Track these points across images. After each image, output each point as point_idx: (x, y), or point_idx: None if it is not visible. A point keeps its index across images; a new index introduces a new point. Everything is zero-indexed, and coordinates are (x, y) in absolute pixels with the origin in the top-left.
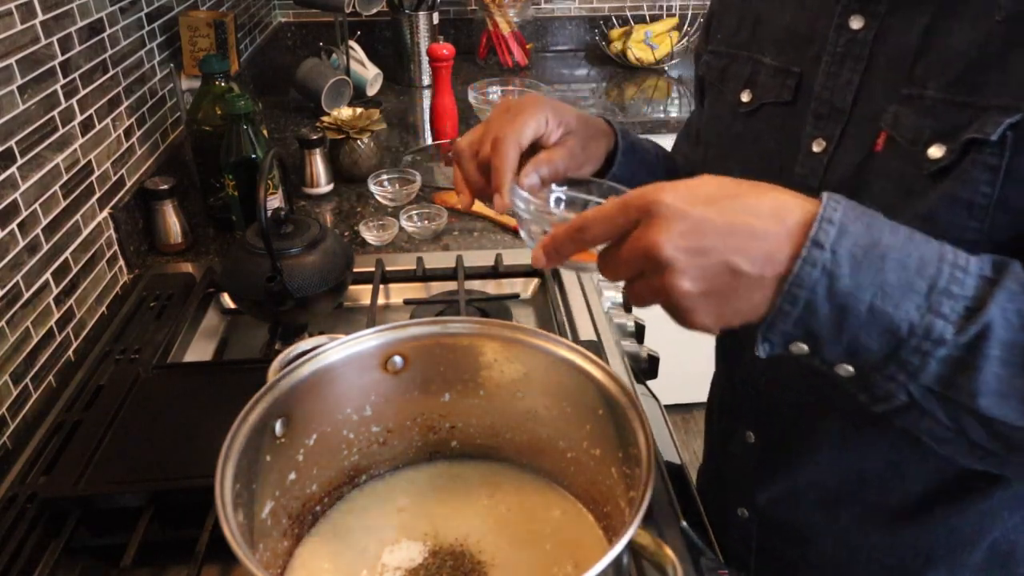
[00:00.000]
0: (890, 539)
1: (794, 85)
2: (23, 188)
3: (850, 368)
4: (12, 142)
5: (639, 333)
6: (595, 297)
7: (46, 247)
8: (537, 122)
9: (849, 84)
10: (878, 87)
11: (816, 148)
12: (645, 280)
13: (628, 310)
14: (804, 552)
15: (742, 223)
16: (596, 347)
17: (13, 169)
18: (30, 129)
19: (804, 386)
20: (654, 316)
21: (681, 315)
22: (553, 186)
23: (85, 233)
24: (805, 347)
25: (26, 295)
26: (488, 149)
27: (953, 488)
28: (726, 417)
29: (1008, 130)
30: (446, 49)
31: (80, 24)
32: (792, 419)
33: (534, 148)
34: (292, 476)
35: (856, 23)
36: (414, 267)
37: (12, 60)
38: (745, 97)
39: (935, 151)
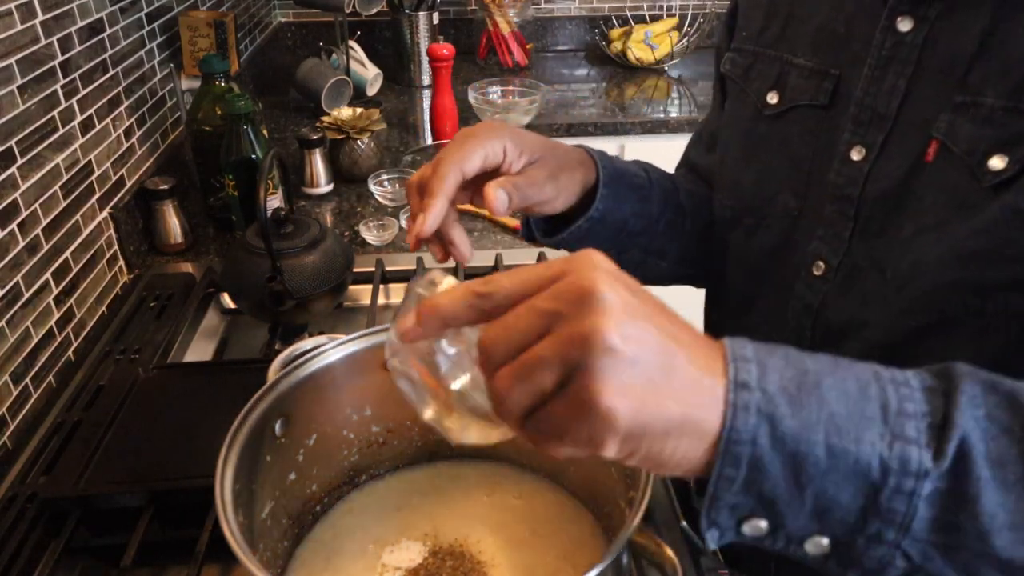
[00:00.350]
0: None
1: (831, 88)
2: (23, 188)
3: (823, 541)
4: (12, 142)
5: None
6: None
7: (46, 247)
8: (487, 149)
9: (895, 89)
10: (927, 93)
11: (855, 156)
12: (564, 389)
13: None
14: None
15: (678, 351)
16: None
17: (13, 169)
18: (30, 129)
19: None
20: None
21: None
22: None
23: (85, 233)
24: (763, 523)
25: (26, 295)
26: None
27: None
28: None
29: None
30: (446, 49)
31: (80, 24)
32: None
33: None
34: (292, 476)
35: (905, 25)
36: (414, 267)
37: (12, 60)
38: (772, 99)
39: (996, 162)
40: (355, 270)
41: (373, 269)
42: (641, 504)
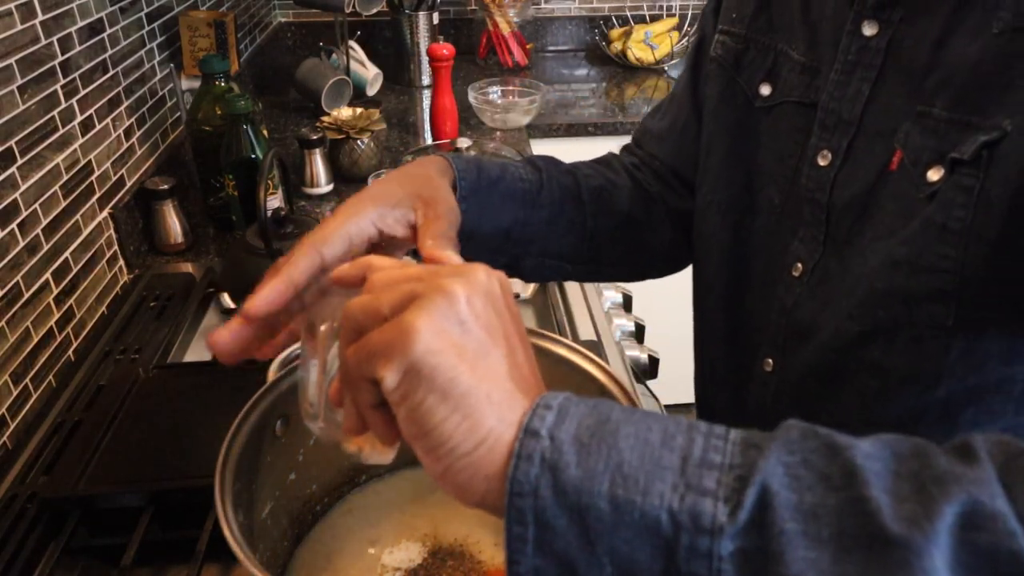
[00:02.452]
0: None
1: (821, 87)
2: (23, 188)
3: None
4: (12, 142)
5: (639, 333)
6: (595, 297)
7: (46, 247)
8: (351, 231)
9: (859, 94)
10: (892, 100)
11: (822, 161)
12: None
13: (628, 310)
14: None
15: (502, 356)
16: (596, 347)
17: (13, 169)
18: (30, 129)
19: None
20: (654, 316)
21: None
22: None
23: (85, 233)
24: None
25: (26, 295)
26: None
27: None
28: (728, 420)
29: (983, 149)
30: (446, 49)
31: (80, 24)
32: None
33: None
34: (292, 476)
35: (869, 29)
36: None
37: (12, 60)
38: (765, 90)
39: (933, 174)
40: None
41: None
42: None
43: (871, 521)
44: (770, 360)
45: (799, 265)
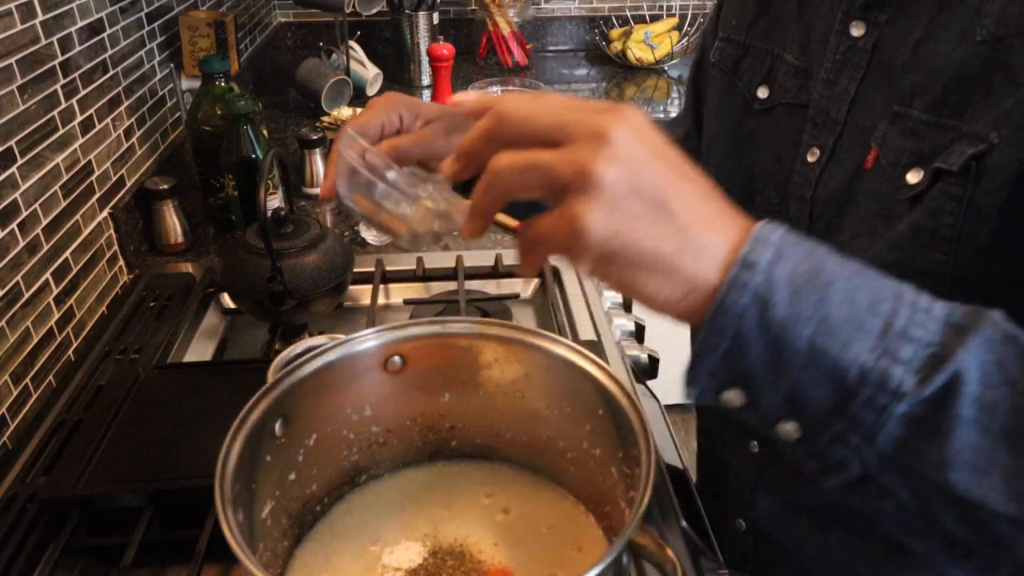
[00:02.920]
0: (875, 570)
1: (813, 87)
2: (23, 188)
3: (793, 427)
4: (12, 142)
5: (639, 333)
6: (595, 297)
7: (46, 247)
8: (383, 118)
9: (845, 93)
10: (874, 100)
11: (811, 158)
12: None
13: (628, 310)
14: (795, 572)
15: (678, 204)
16: (596, 347)
17: (13, 169)
18: (30, 129)
19: None
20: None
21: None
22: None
23: (85, 233)
24: (740, 396)
25: (26, 295)
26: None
27: None
28: (729, 427)
29: (972, 161)
30: (446, 49)
31: (80, 24)
32: None
33: None
34: (292, 476)
35: (856, 30)
36: (414, 267)
37: (12, 60)
38: (762, 93)
39: (912, 176)
40: (355, 270)
41: (373, 269)
42: (641, 504)
43: None
44: None
45: None
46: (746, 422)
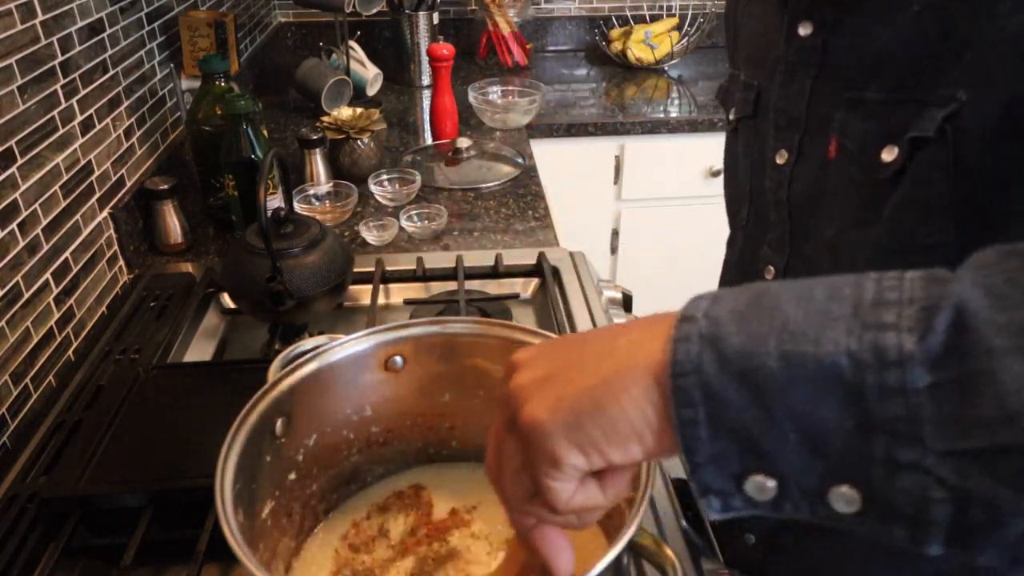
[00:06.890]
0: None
1: (753, 99)
2: (23, 188)
3: (846, 491)
4: (12, 142)
5: None
6: (595, 297)
7: (46, 247)
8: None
9: (802, 92)
10: (830, 93)
11: (780, 160)
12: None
13: (628, 310)
14: None
15: (588, 341)
16: None
17: (13, 169)
18: (30, 129)
19: None
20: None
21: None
22: None
23: (85, 233)
24: (760, 476)
25: (26, 295)
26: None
27: None
28: None
29: (945, 123)
30: (446, 49)
31: (80, 24)
32: None
33: None
34: (292, 476)
35: (804, 29)
36: (414, 267)
37: (12, 60)
38: (732, 115)
39: (887, 154)
40: (355, 270)
41: (373, 269)
42: (641, 504)
43: None
44: None
45: (771, 268)
46: (806, 517)
